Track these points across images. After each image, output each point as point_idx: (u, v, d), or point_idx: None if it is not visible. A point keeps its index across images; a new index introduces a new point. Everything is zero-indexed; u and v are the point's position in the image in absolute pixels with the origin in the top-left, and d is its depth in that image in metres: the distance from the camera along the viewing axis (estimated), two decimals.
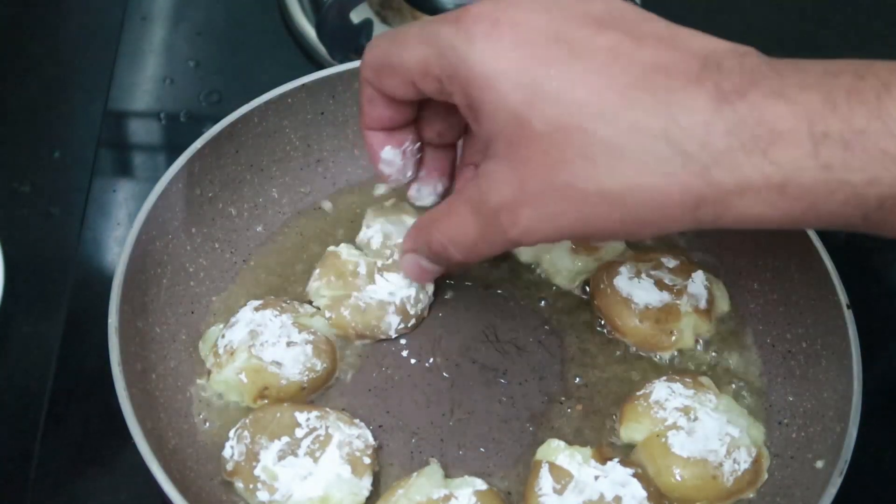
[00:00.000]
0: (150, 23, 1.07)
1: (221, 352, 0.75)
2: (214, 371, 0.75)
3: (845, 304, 0.75)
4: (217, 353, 0.76)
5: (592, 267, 0.84)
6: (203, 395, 0.76)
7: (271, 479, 0.69)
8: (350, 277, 0.80)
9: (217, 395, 0.76)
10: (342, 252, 0.81)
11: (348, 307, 0.79)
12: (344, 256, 0.81)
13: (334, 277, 0.80)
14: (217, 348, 0.76)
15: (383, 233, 0.82)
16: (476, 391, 0.79)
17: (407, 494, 0.69)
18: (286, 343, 0.75)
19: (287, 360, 0.75)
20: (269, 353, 0.74)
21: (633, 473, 0.71)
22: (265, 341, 0.75)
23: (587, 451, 0.73)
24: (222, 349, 0.75)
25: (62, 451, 0.78)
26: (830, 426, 0.73)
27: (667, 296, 0.80)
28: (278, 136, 0.87)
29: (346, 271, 0.80)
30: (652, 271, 0.81)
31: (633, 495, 0.70)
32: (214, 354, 0.76)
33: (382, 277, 0.80)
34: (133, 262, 0.75)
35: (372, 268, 0.80)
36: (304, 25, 1.04)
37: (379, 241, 0.82)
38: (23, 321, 0.84)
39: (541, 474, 0.71)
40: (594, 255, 0.84)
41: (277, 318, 0.76)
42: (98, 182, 0.94)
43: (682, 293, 0.80)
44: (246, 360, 0.74)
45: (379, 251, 0.81)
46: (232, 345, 0.75)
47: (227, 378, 0.75)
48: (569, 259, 0.84)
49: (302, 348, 0.75)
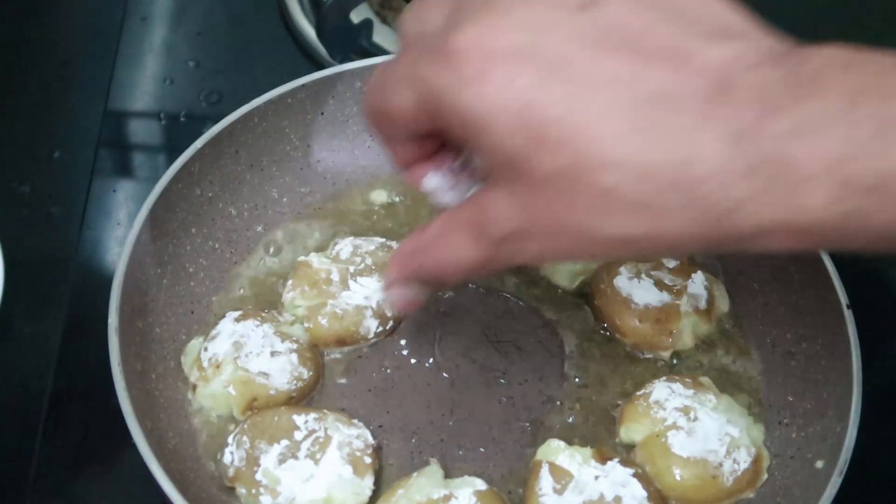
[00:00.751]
0: (150, 23, 1.07)
1: (206, 365, 0.75)
2: (200, 385, 0.75)
3: (845, 304, 0.75)
4: (201, 367, 0.75)
5: (592, 267, 0.84)
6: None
7: (273, 483, 0.69)
8: (324, 285, 0.79)
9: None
10: (313, 261, 0.81)
11: (325, 315, 0.79)
12: (315, 265, 0.81)
13: (308, 287, 0.80)
14: (201, 362, 0.75)
15: (353, 245, 0.82)
16: (476, 391, 0.79)
17: (407, 494, 0.69)
18: (270, 353, 0.75)
19: (273, 370, 0.74)
20: (255, 364, 0.74)
21: (633, 473, 0.71)
22: (250, 352, 0.74)
23: (587, 451, 0.73)
24: (206, 362, 0.75)
25: (62, 451, 0.78)
26: (830, 426, 0.73)
27: (667, 296, 0.80)
28: (278, 136, 0.87)
29: (318, 280, 0.80)
30: (652, 271, 0.81)
31: (634, 495, 0.70)
32: (199, 368, 0.75)
33: (356, 282, 0.80)
34: (133, 262, 0.75)
35: (345, 274, 0.80)
36: (304, 25, 1.04)
37: (349, 251, 0.82)
38: (23, 321, 0.84)
39: (541, 474, 0.71)
40: None
41: (259, 328, 0.76)
42: (98, 182, 0.94)
43: (682, 293, 0.80)
44: (232, 372, 0.74)
45: (349, 259, 0.81)
46: (217, 357, 0.74)
47: (214, 391, 0.74)
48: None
49: (287, 357, 0.75)
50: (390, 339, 0.81)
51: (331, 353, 0.79)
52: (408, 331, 0.81)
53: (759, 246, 0.49)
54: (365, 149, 0.90)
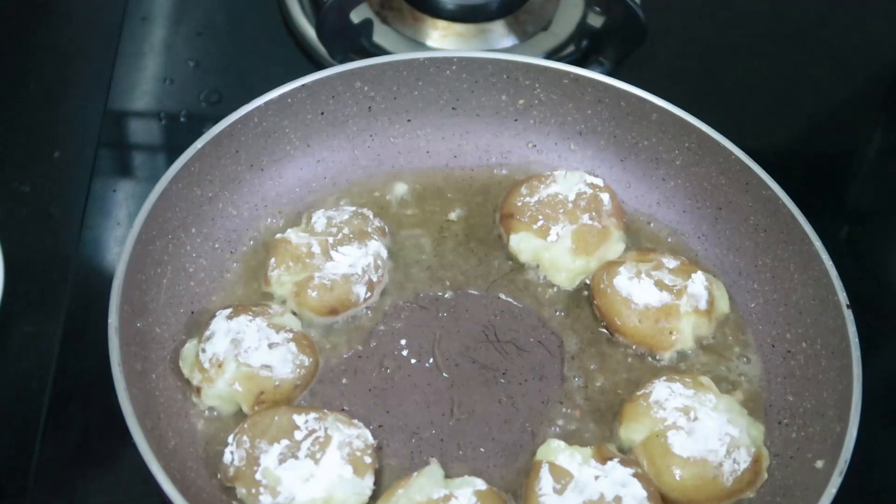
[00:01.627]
0: (150, 23, 1.07)
1: (207, 366, 0.74)
2: (205, 386, 0.74)
3: (845, 304, 0.75)
4: (203, 368, 0.75)
5: (593, 267, 0.84)
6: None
7: (273, 483, 0.69)
8: (307, 259, 0.80)
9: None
10: (291, 237, 0.81)
11: (315, 288, 0.79)
12: (294, 240, 0.81)
13: (292, 262, 0.80)
14: (201, 363, 0.75)
15: (326, 217, 0.82)
16: (476, 391, 0.79)
17: (407, 494, 0.69)
18: (268, 345, 0.75)
19: (275, 361, 0.75)
20: (255, 359, 0.74)
21: (633, 473, 0.71)
22: (248, 347, 0.74)
23: (587, 451, 0.73)
24: (207, 363, 0.74)
25: (62, 451, 0.78)
26: (830, 426, 0.73)
27: (667, 296, 0.80)
28: (278, 136, 0.87)
29: (301, 254, 0.80)
30: (652, 272, 0.81)
31: (634, 495, 0.70)
32: (200, 370, 0.75)
33: (338, 252, 0.80)
34: (133, 262, 0.75)
35: (325, 245, 0.80)
36: (304, 25, 1.04)
37: (323, 223, 0.82)
38: (23, 321, 0.84)
39: (541, 474, 0.71)
40: (594, 255, 0.84)
41: (252, 322, 0.76)
42: (98, 182, 0.94)
43: (682, 293, 0.80)
44: (235, 369, 0.74)
45: (325, 231, 0.81)
46: (217, 357, 0.74)
47: (219, 391, 0.74)
48: (569, 259, 0.84)
49: (286, 347, 0.75)
50: (390, 339, 0.81)
51: (331, 352, 0.80)
52: (408, 331, 0.82)
53: None
54: (365, 149, 0.90)
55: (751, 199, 0.84)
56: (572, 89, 0.89)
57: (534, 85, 0.90)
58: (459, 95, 0.91)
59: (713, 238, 0.87)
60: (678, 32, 1.10)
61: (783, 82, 1.08)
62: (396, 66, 0.88)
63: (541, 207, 0.85)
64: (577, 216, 0.84)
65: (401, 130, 0.91)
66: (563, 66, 0.89)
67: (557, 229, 0.84)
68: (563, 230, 0.84)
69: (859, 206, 1.01)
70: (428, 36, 1.03)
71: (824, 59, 1.10)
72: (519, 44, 1.03)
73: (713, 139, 0.85)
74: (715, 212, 0.87)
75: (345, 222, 0.82)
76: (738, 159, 0.84)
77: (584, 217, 0.84)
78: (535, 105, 0.91)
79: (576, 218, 0.84)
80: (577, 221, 0.84)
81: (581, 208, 0.84)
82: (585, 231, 0.84)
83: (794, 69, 1.09)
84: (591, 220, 0.84)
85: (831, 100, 1.09)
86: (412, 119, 0.91)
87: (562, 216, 0.84)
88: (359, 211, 0.84)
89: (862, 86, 1.10)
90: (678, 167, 0.88)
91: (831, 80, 1.09)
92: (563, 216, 0.84)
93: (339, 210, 0.84)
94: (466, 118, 0.92)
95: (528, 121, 0.92)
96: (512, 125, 0.92)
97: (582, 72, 0.88)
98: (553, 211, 0.84)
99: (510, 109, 0.91)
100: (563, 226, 0.84)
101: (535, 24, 1.05)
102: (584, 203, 0.85)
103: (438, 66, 0.89)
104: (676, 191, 0.89)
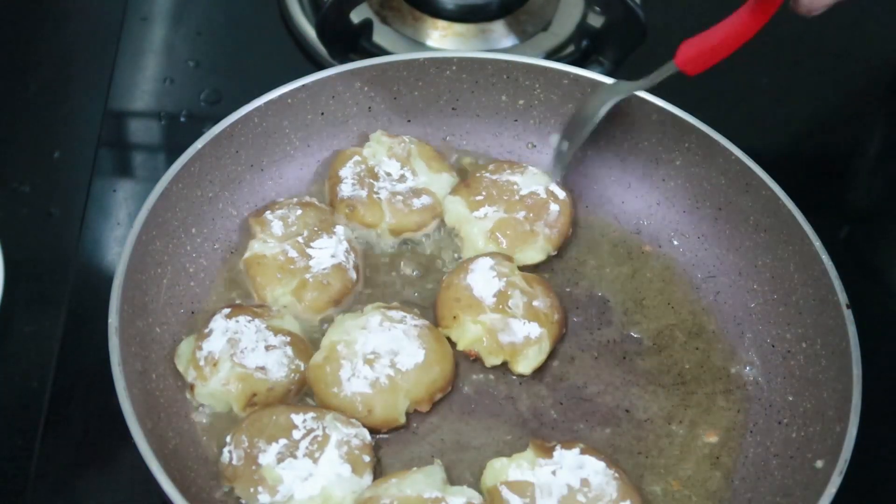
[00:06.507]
0: (150, 23, 1.07)
1: (202, 363, 0.74)
2: (199, 384, 0.74)
3: (845, 304, 0.75)
4: (198, 366, 0.74)
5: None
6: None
7: (272, 482, 0.69)
8: (290, 266, 0.80)
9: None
10: (263, 251, 0.81)
11: (314, 288, 0.79)
12: (268, 252, 0.81)
13: (279, 274, 0.80)
14: (197, 360, 0.75)
15: (279, 218, 0.82)
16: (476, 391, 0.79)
17: (399, 485, 0.69)
18: (265, 347, 0.75)
19: (270, 364, 0.74)
20: (251, 360, 0.74)
21: (580, 450, 0.71)
22: (245, 348, 0.74)
23: (529, 454, 0.72)
24: (203, 361, 0.74)
25: (62, 451, 0.78)
26: (830, 426, 0.73)
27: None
28: (278, 136, 0.87)
29: (281, 263, 0.80)
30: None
31: (595, 471, 0.70)
32: (195, 367, 0.75)
33: (314, 248, 0.80)
34: (133, 262, 0.75)
35: (299, 246, 0.80)
36: (304, 25, 1.04)
37: (280, 226, 0.82)
38: (23, 321, 0.84)
39: (504, 498, 0.69)
40: (508, 251, 0.84)
41: (251, 323, 0.76)
42: (98, 182, 0.94)
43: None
44: (230, 369, 0.74)
45: (287, 233, 0.81)
46: (213, 355, 0.74)
47: (213, 390, 0.74)
48: (482, 241, 0.84)
49: (282, 350, 0.75)
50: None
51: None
52: None
53: None
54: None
55: (751, 199, 0.84)
56: (572, 89, 0.89)
57: (534, 85, 0.90)
58: (459, 96, 0.91)
59: (713, 238, 0.87)
60: (678, 32, 1.10)
61: (783, 82, 1.08)
62: (396, 67, 0.88)
63: (491, 185, 0.86)
64: (514, 209, 0.85)
65: (401, 130, 0.91)
66: (563, 67, 0.89)
67: (489, 210, 0.84)
68: (493, 213, 0.84)
69: (859, 206, 1.01)
70: (428, 36, 1.03)
71: (824, 59, 1.10)
72: (519, 44, 1.03)
73: (713, 139, 0.85)
74: (715, 212, 0.87)
75: (300, 218, 0.82)
76: (738, 159, 0.84)
77: (520, 213, 0.84)
78: (535, 105, 0.91)
79: (512, 210, 0.85)
80: (510, 213, 0.84)
81: (523, 205, 0.85)
82: (511, 224, 0.84)
83: (794, 69, 1.09)
84: (524, 219, 0.84)
85: (831, 100, 1.09)
86: (412, 119, 0.91)
87: (501, 202, 0.85)
88: (304, 200, 0.84)
89: (862, 85, 1.10)
90: (678, 167, 0.88)
91: (831, 80, 1.09)
92: (501, 202, 0.85)
93: (288, 208, 0.83)
94: (466, 118, 0.92)
95: (528, 121, 0.92)
96: (512, 125, 0.92)
97: (582, 72, 0.88)
98: (498, 194, 0.85)
99: (510, 109, 0.91)
100: (496, 209, 0.84)
101: (535, 24, 1.05)
102: (531, 202, 0.85)
103: (438, 66, 0.89)
104: (676, 191, 0.89)
